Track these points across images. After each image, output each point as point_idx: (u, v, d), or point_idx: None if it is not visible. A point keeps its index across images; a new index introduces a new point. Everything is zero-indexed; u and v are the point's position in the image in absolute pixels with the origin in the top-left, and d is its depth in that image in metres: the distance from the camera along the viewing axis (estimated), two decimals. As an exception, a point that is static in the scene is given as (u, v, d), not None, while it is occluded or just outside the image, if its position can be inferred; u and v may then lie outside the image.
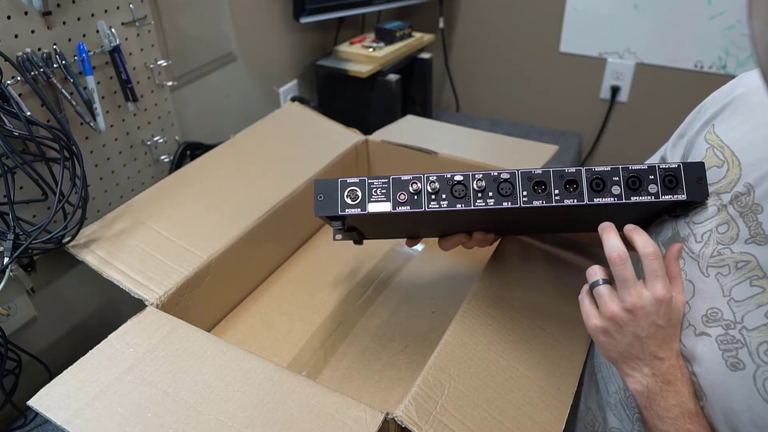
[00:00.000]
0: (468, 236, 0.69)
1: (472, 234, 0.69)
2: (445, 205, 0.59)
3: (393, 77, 1.27)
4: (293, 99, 1.21)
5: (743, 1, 0.36)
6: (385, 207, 0.60)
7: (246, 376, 0.59)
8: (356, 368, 0.75)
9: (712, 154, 0.56)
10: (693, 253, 0.55)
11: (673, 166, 0.57)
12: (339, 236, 0.66)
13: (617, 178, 0.57)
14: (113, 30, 0.80)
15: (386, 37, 1.32)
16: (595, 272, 0.57)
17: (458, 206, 0.59)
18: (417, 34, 1.38)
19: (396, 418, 0.53)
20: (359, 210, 0.60)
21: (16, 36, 0.70)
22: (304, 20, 1.20)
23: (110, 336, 0.64)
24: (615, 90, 1.53)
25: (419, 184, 0.59)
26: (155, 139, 0.94)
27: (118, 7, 0.82)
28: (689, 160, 0.61)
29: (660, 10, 1.39)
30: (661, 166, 0.57)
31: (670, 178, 0.57)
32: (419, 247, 0.98)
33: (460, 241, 0.69)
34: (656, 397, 0.53)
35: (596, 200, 0.57)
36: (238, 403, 0.57)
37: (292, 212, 0.91)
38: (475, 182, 0.59)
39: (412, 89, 1.43)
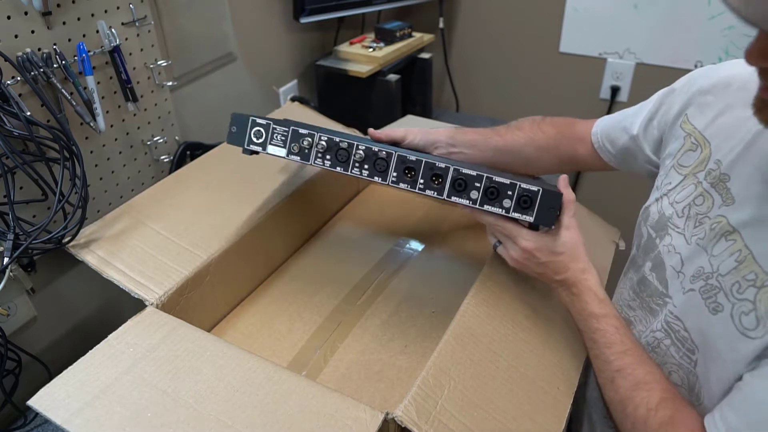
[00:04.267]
0: None
1: None
2: (328, 165, 0.66)
3: (393, 77, 1.27)
4: (293, 99, 1.21)
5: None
6: (281, 152, 0.67)
7: (246, 376, 0.59)
8: (356, 368, 0.75)
9: (689, 141, 0.64)
10: (678, 228, 0.63)
11: (534, 189, 0.61)
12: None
13: (479, 185, 0.61)
14: (113, 30, 0.80)
15: (386, 37, 1.32)
16: (490, 237, 0.69)
17: (338, 169, 0.66)
18: (417, 34, 1.38)
19: (396, 418, 0.53)
20: (261, 149, 0.68)
21: (16, 36, 0.70)
22: (304, 20, 1.20)
23: (110, 336, 0.64)
24: (615, 90, 1.53)
25: (311, 141, 0.66)
26: (155, 139, 0.94)
27: (118, 7, 0.82)
28: (668, 148, 0.67)
29: (660, 10, 1.39)
30: (522, 185, 0.61)
31: (525, 199, 0.61)
32: (419, 246, 0.98)
33: None
34: (568, 304, 0.65)
35: (453, 199, 0.62)
36: (238, 403, 0.57)
37: (293, 212, 0.91)
38: (356, 152, 0.64)
39: (412, 89, 1.43)
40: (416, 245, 0.99)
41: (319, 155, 0.66)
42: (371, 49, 1.28)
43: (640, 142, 0.72)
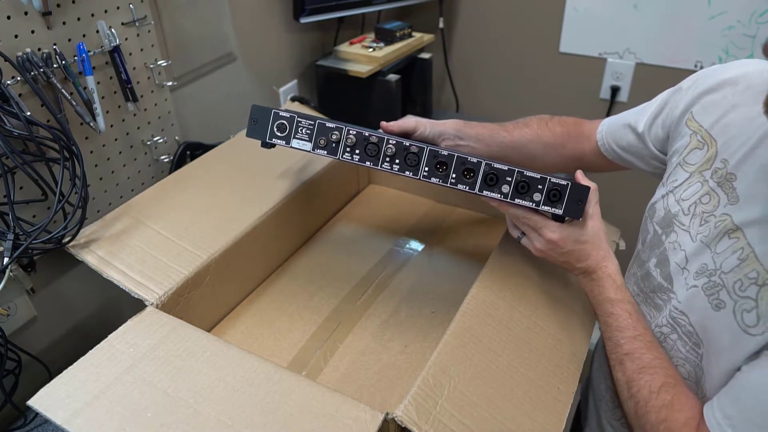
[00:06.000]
0: None
1: None
2: (356, 159, 0.65)
3: (393, 77, 1.27)
4: (293, 99, 1.22)
5: (743, 0, 0.37)
6: (306, 146, 0.66)
7: (246, 376, 0.59)
8: (356, 368, 0.75)
9: (695, 139, 0.65)
10: (684, 225, 0.64)
11: (563, 183, 0.62)
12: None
13: (510, 179, 0.63)
14: (113, 30, 0.80)
15: (386, 37, 1.32)
16: (513, 230, 0.72)
17: (367, 163, 0.65)
18: (417, 34, 1.38)
19: (396, 418, 0.53)
20: (284, 143, 0.67)
21: (16, 36, 0.70)
22: (304, 20, 1.19)
23: (110, 336, 0.64)
24: (615, 90, 1.53)
25: (339, 135, 0.65)
26: (155, 139, 0.94)
27: (118, 7, 0.82)
28: (674, 146, 0.68)
29: (660, 10, 1.39)
30: (552, 179, 0.62)
31: (555, 193, 0.63)
32: (419, 246, 0.98)
33: None
34: (587, 289, 0.68)
35: (485, 193, 0.64)
36: (238, 403, 0.57)
37: (292, 212, 0.91)
38: (386, 147, 0.64)
39: (412, 89, 1.43)
40: (416, 245, 0.99)
41: (348, 150, 0.65)
42: (371, 49, 1.28)
43: (646, 139, 0.72)
